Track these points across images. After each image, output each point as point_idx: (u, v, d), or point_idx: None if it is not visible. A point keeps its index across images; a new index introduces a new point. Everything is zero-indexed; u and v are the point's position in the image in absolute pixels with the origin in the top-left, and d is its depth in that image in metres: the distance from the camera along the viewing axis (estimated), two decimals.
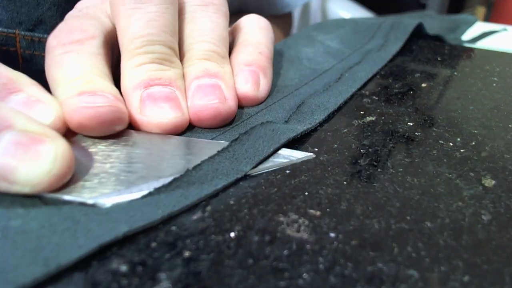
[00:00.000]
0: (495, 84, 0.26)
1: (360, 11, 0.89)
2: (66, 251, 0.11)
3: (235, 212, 0.13)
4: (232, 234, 0.12)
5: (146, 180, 0.14)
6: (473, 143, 0.18)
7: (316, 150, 0.17)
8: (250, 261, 0.11)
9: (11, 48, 0.28)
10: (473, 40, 0.40)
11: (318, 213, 0.13)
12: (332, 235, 0.12)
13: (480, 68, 0.29)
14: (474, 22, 0.43)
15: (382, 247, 0.12)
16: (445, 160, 0.17)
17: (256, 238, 0.12)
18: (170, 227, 0.13)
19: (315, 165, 0.16)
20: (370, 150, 0.17)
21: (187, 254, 0.12)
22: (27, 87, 0.16)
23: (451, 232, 0.13)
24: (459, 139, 0.18)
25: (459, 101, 0.23)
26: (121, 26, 0.18)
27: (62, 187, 0.13)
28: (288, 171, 0.16)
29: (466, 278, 0.11)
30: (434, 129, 0.19)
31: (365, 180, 0.15)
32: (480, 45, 0.38)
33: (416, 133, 0.19)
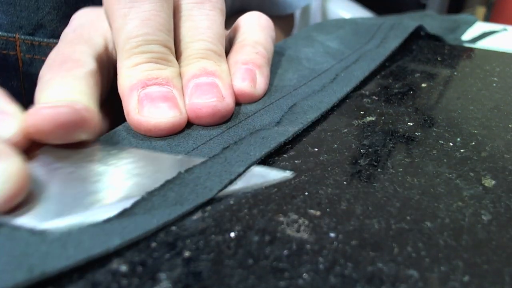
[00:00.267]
0: (495, 84, 0.26)
1: (360, 11, 0.89)
2: (53, 260, 0.11)
3: (235, 212, 0.13)
4: (232, 234, 0.12)
5: (108, 202, 0.13)
6: (473, 143, 0.18)
7: (316, 150, 0.17)
8: (250, 261, 0.11)
9: (11, 52, 0.28)
10: (473, 40, 0.40)
11: (318, 213, 0.13)
12: (332, 235, 0.12)
13: (480, 68, 0.29)
14: (474, 22, 0.43)
15: (382, 247, 0.12)
16: (445, 160, 0.17)
17: (256, 238, 0.12)
18: (170, 227, 0.13)
19: (315, 165, 0.16)
20: (370, 150, 0.17)
21: (187, 254, 0.12)
22: None
23: (451, 232, 0.13)
24: (459, 139, 0.18)
25: (459, 101, 0.23)
26: (116, 26, 0.18)
27: (14, 209, 0.12)
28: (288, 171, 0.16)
29: (466, 278, 0.11)
30: (434, 129, 0.19)
31: (365, 180, 0.15)
32: (480, 45, 0.38)
33: (416, 133, 0.19)
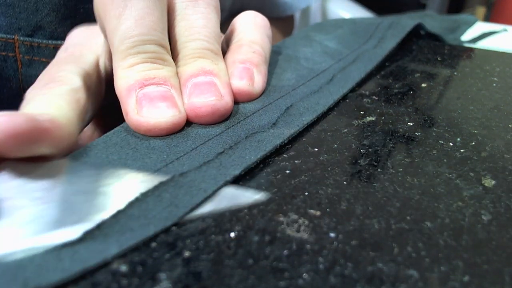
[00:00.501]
0: (495, 84, 0.26)
1: (360, 11, 0.89)
2: (48, 273, 0.10)
3: (235, 212, 0.13)
4: (232, 234, 0.12)
5: (60, 226, 0.12)
6: (473, 143, 0.18)
7: (316, 150, 0.17)
8: (250, 261, 0.11)
9: (10, 54, 0.28)
10: (473, 41, 0.40)
11: (318, 213, 0.13)
12: (332, 235, 0.12)
13: (480, 68, 0.29)
14: (474, 22, 0.43)
15: (382, 247, 0.12)
16: (445, 160, 0.17)
17: (256, 238, 0.12)
18: (170, 227, 0.13)
19: (315, 165, 0.16)
20: (370, 150, 0.17)
21: (187, 254, 0.12)
22: None
23: (451, 232, 0.13)
24: (459, 139, 0.18)
25: (459, 101, 0.23)
26: (111, 28, 0.18)
27: None
28: (288, 171, 0.16)
29: (466, 278, 0.11)
30: (434, 129, 0.19)
31: (365, 180, 0.15)
32: (480, 45, 0.38)
33: (416, 133, 0.19)
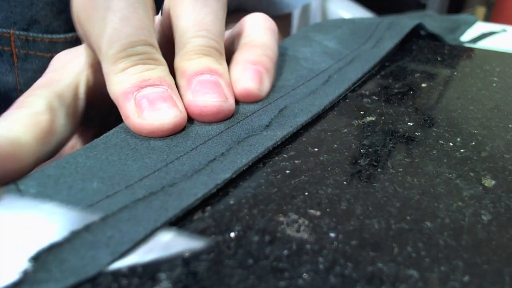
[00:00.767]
0: (495, 84, 0.26)
1: (360, 11, 0.89)
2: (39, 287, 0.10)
3: (235, 212, 0.13)
4: (232, 234, 0.12)
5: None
6: (473, 143, 0.18)
7: (316, 150, 0.17)
8: (250, 261, 0.11)
9: (5, 48, 0.28)
10: (473, 41, 0.40)
11: (318, 213, 0.13)
12: (332, 235, 0.12)
13: (480, 68, 0.29)
14: (474, 22, 0.43)
15: (382, 247, 0.12)
16: (445, 160, 0.17)
17: (256, 238, 0.12)
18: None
19: (315, 165, 0.16)
20: (370, 150, 0.17)
21: (187, 254, 0.12)
22: None
23: (451, 232, 0.13)
24: (459, 139, 0.18)
25: (459, 101, 0.23)
26: (96, 33, 0.17)
27: None
28: (288, 171, 0.16)
29: (466, 278, 0.11)
30: (434, 129, 0.19)
31: (365, 180, 0.15)
32: (480, 45, 0.38)
33: (416, 133, 0.19)
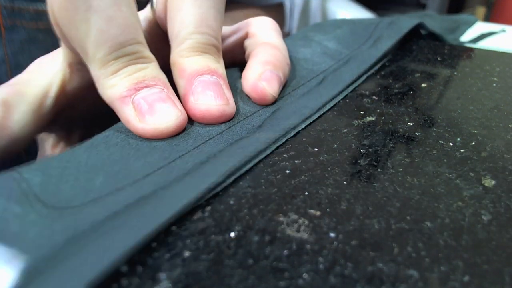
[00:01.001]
0: (495, 84, 0.26)
1: (360, 11, 0.89)
2: None
3: (235, 212, 0.13)
4: (232, 234, 0.12)
5: None
6: (473, 143, 0.18)
7: (316, 150, 0.17)
8: (250, 261, 0.11)
9: None
10: (472, 41, 0.40)
11: (318, 213, 0.13)
12: (332, 235, 0.12)
13: (480, 68, 0.29)
14: (474, 22, 0.43)
15: (382, 247, 0.12)
16: (445, 160, 0.17)
17: (256, 238, 0.12)
18: (170, 227, 0.13)
19: (315, 165, 0.16)
20: (370, 150, 0.17)
21: (187, 254, 0.12)
22: None
23: (451, 232, 0.13)
24: (459, 139, 0.18)
25: (459, 101, 0.23)
26: (80, 36, 0.16)
27: None
28: (288, 171, 0.16)
29: (466, 278, 0.11)
30: (434, 129, 0.19)
31: (365, 180, 0.15)
32: (480, 45, 0.38)
33: (416, 133, 0.19)
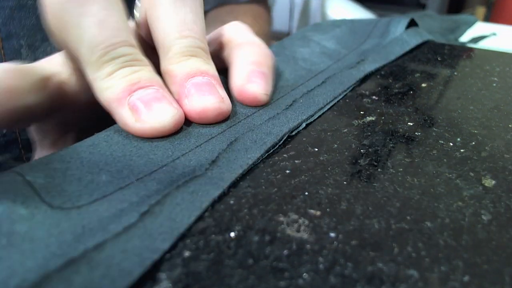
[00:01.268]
0: (495, 84, 0.26)
1: (360, 11, 0.89)
2: None
3: (235, 212, 0.13)
4: (232, 234, 0.12)
5: None
6: (473, 143, 0.18)
7: (316, 150, 0.17)
8: (250, 261, 0.11)
9: None
10: (472, 41, 0.40)
11: (318, 213, 0.13)
12: (332, 235, 0.12)
13: (480, 68, 0.29)
14: (474, 22, 0.43)
15: (382, 247, 0.12)
16: (445, 160, 0.17)
17: (256, 238, 0.12)
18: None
19: (315, 165, 0.16)
20: (370, 150, 0.17)
21: (187, 254, 0.12)
22: None
23: (451, 232, 0.13)
24: (459, 139, 0.18)
25: (459, 101, 0.23)
26: (73, 39, 0.17)
27: None
28: (288, 171, 0.16)
29: (466, 278, 0.11)
30: (434, 129, 0.19)
31: (365, 180, 0.15)
32: (480, 45, 0.38)
33: (416, 133, 0.19)
